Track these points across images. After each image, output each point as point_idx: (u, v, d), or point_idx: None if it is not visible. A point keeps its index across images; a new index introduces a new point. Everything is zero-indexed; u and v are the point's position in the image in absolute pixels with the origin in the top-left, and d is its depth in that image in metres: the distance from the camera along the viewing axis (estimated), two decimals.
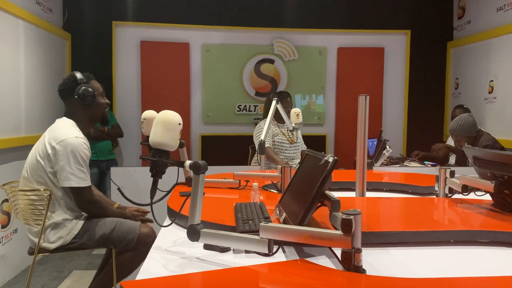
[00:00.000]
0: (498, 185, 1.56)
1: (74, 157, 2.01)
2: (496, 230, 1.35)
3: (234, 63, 5.00)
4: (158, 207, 1.30)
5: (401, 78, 5.20)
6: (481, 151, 1.72)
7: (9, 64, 3.35)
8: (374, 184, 2.31)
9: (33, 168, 2.10)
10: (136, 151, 4.86)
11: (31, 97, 3.67)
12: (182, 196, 1.90)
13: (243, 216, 1.42)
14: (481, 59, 4.52)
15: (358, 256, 1.02)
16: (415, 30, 5.13)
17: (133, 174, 3.17)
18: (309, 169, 1.42)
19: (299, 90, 5.07)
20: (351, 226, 1.00)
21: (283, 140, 3.53)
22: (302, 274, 1.07)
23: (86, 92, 2.13)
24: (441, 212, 1.72)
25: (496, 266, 1.21)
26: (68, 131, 2.07)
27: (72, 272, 3.34)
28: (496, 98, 4.25)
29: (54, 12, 4.30)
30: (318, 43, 5.09)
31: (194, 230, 1.20)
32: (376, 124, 4.86)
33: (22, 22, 3.51)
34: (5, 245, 3.21)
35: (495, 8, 4.29)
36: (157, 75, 4.81)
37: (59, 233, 2.08)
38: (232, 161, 3.71)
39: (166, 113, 1.25)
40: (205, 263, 1.16)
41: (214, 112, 5.01)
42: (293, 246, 1.25)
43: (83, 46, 4.63)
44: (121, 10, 4.73)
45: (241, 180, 2.14)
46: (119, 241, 2.10)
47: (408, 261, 1.20)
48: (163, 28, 4.83)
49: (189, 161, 1.22)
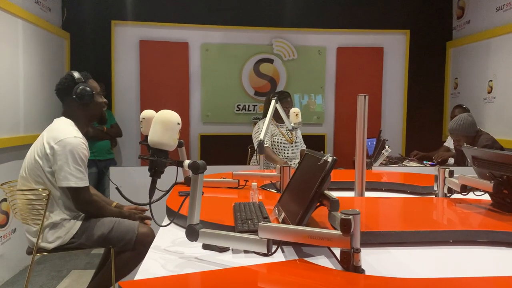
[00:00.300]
0: (497, 185, 1.56)
1: (72, 157, 2.01)
2: (495, 230, 1.35)
3: (233, 63, 4.99)
4: (157, 207, 1.29)
5: (400, 77, 5.20)
6: (480, 151, 1.72)
7: (8, 64, 3.34)
8: (373, 184, 2.32)
9: (31, 168, 2.09)
10: (135, 150, 4.86)
11: (30, 96, 3.66)
12: (181, 195, 1.90)
13: (242, 216, 1.42)
14: (480, 59, 4.52)
15: (357, 256, 1.02)
16: (414, 30, 5.13)
17: (132, 174, 3.17)
18: (308, 168, 1.42)
19: (298, 90, 5.06)
20: (350, 226, 1.00)
21: (282, 140, 3.53)
22: (301, 274, 1.07)
23: (84, 91, 2.12)
24: (440, 212, 1.73)
25: (495, 266, 1.21)
26: (67, 131, 2.06)
27: (71, 271, 3.33)
28: (495, 98, 4.25)
29: (53, 11, 4.29)
30: (317, 43, 5.09)
31: (193, 230, 1.20)
32: (375, 124, 4.86)
33: (21, 21, 3.50)
34: (4, 244, 3.21)
35: (494, 8, 4.29)
36: (156, 75, 4.80)
37: (57, 233, 2.08)
38: (231, 160, 3.70)
39: (165, 113, 1.25)
40: (204, 263, 1.16)
41: (213, 112, 5.00)
42: (292, 246, 1.25)
43: (82, 45, 4.62)
44: (120, 9, 4.72)
45: (240, 179, 2.14)
46: (118, 241, 2.10)
47: (407, 261, 1.20)
48: (162, 28, 4.83)
49: (188, 161, 1.22)
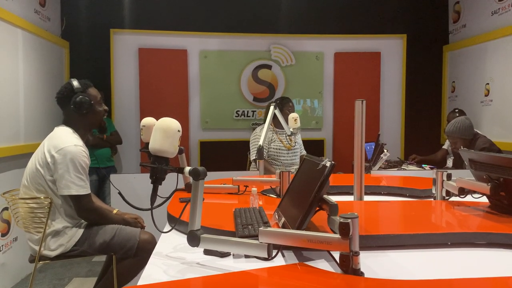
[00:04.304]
0: (494, 187, 1.58)
1: (73, 165, 2.02)
2: (492, 232, 1.36)
3: (231, 69, 5.02)
4: (158, 214, 1.30)
5: (397, 82, 5.23)
6: (477, 154, 1.74)
7: (8, 73, 3.36)
8: (372, 187, 2.33)
9: (32, 176, 2.10)
10: (135, 158, 4.87)
11: (30, 105, 3.68)
12: (182, 202, 1.91)
13: (243, 221, 1.43)
14: (477, 62, 4.55)
15: (356, 259, 1.03)
16: (411, 34, 5.17)
17: (133, 181, 3.18)
18: (307, 173, 1.44)
19: (297, 95, 5.08)
20: (349, 229, 1.01)
21: (279, 146, 3.51)
22: (301, 277, 1.09)
23: (82, 100, 2.13)
24: (439, 215, 1.74)
25: (493, 267, 1.22)
26: (67, 139, 2.08)
27: (72, 279, 3.34)
28: (492, 101, 4.28)
29: (52, 21, 4.33)
30: (315, 48, 5.12)
31: (194, 236, 1.21)
32: (373, 128, 4.89)
33: (20, 31, 3.53)
34: (5, 253, 3.21)
35: (489, 12, 4.32)
36: (155, 82, 4.82)
37: (59, 241, 2.09)
38: (231, 166, 3.71)
39: (166, 120, 1.27)
40: (205, 268, 1.17)
41: (212, 118, 5.02)
42: (292, 250, 1.26)
43: (82, 54, 4.65)
44: (119, 18, 4.75)
45: (240, 185, 2.16)
46: (119, 248, 2.11)
47: (406, 264, 1.21)
48: (161, 35, 4.86)
49: (189, 167, 1.24)
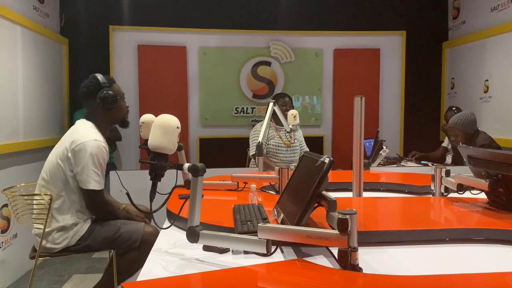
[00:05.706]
0: (492, 183, 1.58)
1: (92, 160, 2.04)
2: (491, 228, 1.37)
3: (231, 66, 5.01)
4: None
5: (397, 78, 5.22)
6: (475, 150, 1.74)
7: (7, 70, 3.36)
8: (371, 184, 2.34)
9: (53, 171, 2.11)
10: (134, 154, 4.87)
11: (29, 102, 3.68)
12: (181, 198, 1.92)
13: (242, 218, 1.44)
14: (476, 58, 4.55)
15: (354, 255, 1.04)
16: (410, 31, 5.16)
17: (132, 178, 3.18)
18: (306, 170, 1.44)
19: (296, 92, 5.08)
20: (347, 225, 1.02)
21: (279, 143, 3.50)
22: (300, 273, 1.09)
23: (109, 95, 2.16)
24: (437, 211, 1.75)
25: (491, 263, 1.23)
26: (88, 134, 2.10)
27: (72, 276, 3.34)
28: (492, 97, 4.28)
29: (51, 18, 4.31)
30: (314, 45, 5.12)
31: (194, 232, 1.21)
32: (372, 125, 4.88)
33: (19, 27, 3.52)
34: (5, 250, 3.22)
35: (489, 8, 4.32)
36: (154, 79, 4.82)
37: (65, 235, 2.10)
38: (230, 163, 3.71)
39: (165, 117, 1.27)
40: (204, 264, 1.18)
41: (211, 115, 5.02)
42: (291, 246, 1.27)
43: (81, 50, 4.64)
44: (118, 14, 4.74)
45: (239, 182, 2.16)
46: (124, 241, 2.12)
47: (404, 259, 1.22)
48: (160, 32, 4.85)
49: (188, 164, 1.24)
